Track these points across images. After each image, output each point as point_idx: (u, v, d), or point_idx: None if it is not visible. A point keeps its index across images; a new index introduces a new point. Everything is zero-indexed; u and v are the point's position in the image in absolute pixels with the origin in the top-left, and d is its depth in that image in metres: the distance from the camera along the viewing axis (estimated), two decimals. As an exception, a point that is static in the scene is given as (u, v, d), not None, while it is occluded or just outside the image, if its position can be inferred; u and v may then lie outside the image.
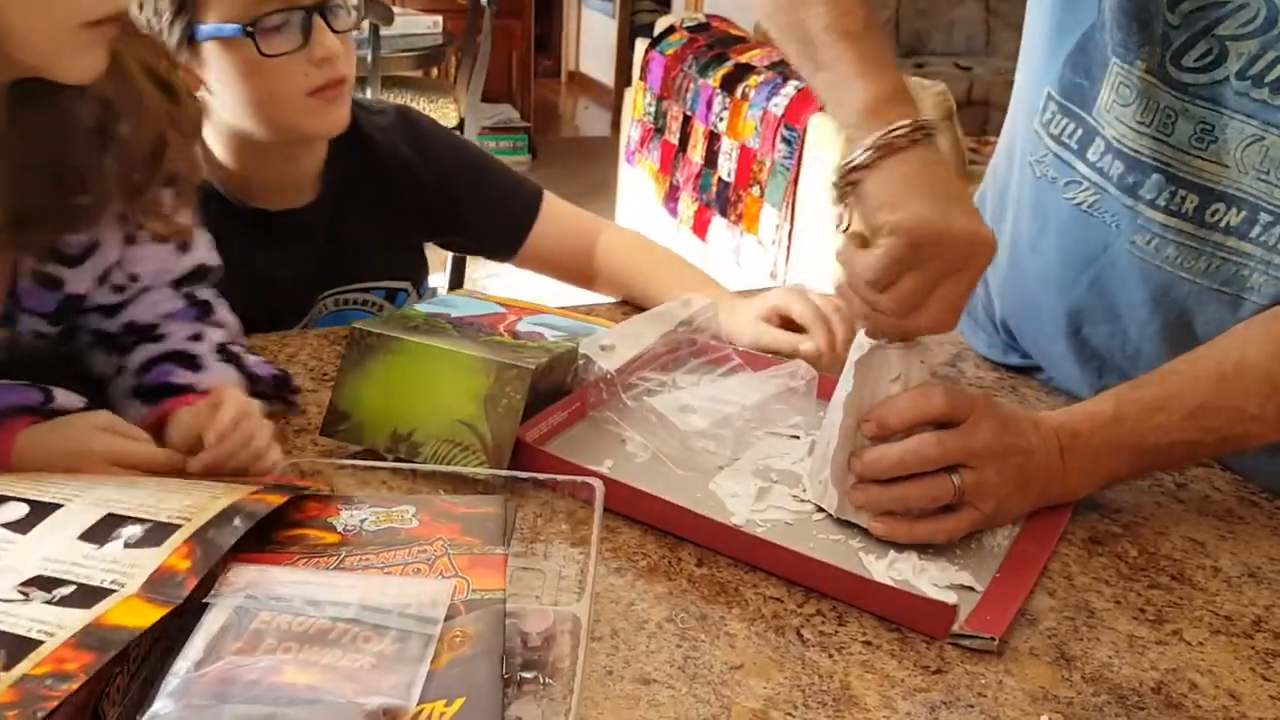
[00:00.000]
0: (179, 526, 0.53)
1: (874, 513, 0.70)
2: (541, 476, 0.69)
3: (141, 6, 0.88)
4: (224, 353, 0.80)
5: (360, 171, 1.04)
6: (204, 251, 0.82)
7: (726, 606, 0.64)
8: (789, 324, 0.96)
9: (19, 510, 0.56)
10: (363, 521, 0.60)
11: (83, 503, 0.56)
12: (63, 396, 0.74)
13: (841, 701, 0.57)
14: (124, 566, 0.50)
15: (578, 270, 1.13)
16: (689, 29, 3.37)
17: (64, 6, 0.60)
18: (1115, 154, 0.80)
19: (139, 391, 0.77)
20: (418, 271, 1.16)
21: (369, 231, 1.06)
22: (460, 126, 3.61)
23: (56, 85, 0.64)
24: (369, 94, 3.35)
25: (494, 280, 2.99)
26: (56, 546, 0.52)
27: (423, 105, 3.61)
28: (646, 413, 0.83)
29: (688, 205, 3.17)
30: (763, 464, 0.79)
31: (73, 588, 0.49)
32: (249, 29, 0.88)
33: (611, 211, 3.77)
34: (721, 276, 1.12)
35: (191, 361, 0.78)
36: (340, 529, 0.59)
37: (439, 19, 3.81)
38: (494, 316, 0.88)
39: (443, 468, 0.73)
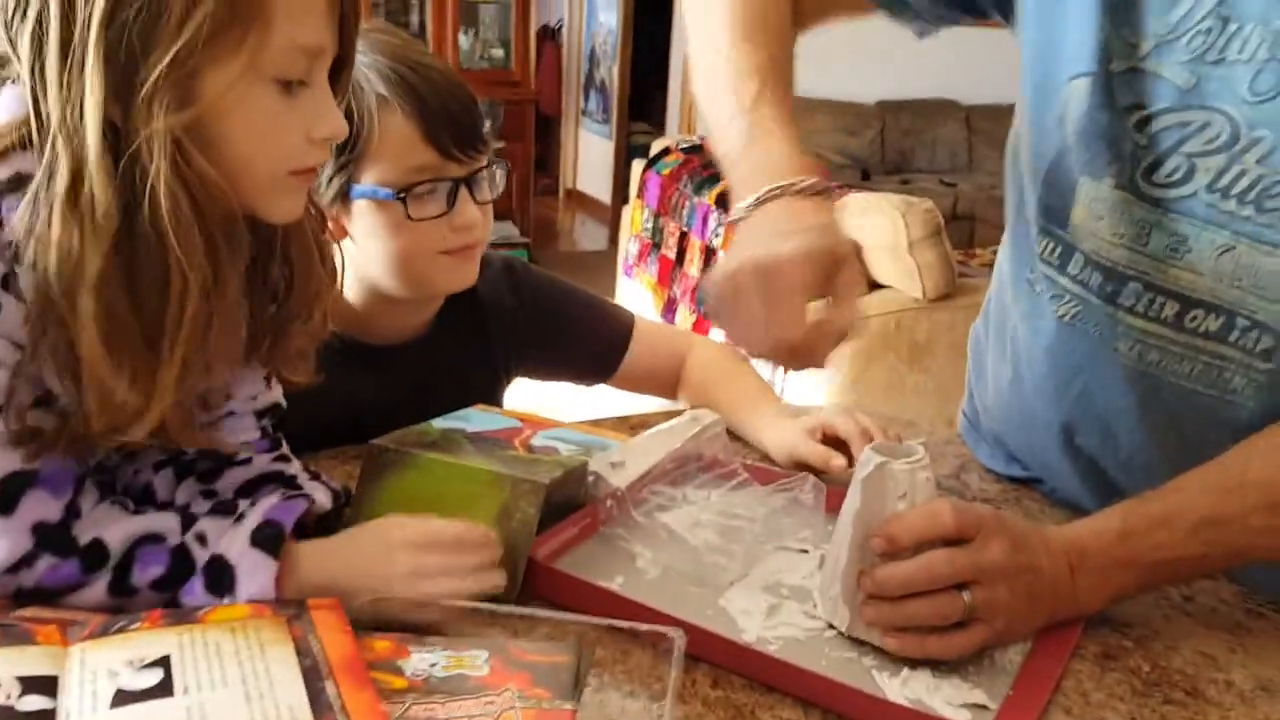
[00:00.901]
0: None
1: (885, 629, 0.70)
2: (622, 625, 0.67)
3: None
4: (309, 470, 0.81)
5: (465, 314, 1.10)
6: (279, 391, 0.84)
7: (742, 728, 0.64)
8: (832, 441, 0.98)
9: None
10: (432, 666, 0.59)
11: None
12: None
13: (861, 825, 0.56)
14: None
15: (666, 386, 1.20)
16: (684, 150, 3.48)
17: (282, 155, 0.68)
18: (1094, 266, 0.82)
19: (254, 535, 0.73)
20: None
21: (463, 365, 1.10)
22: (461, 244, 3.69)
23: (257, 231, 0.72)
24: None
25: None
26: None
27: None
28: (657, 528, 0.84)
29: (686, 317, 3.23)
30: (773, 579, 0.80)
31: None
32: (401, 194, 0.94)
33: (610, 325, 3.83)
34: None
35: (291, 482, 0.79)
36: (409, 674, 0.58)
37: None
38: (509, 431, 0.89)
39: (519, 610, 0.70)
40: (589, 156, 6.55)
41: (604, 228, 5.98)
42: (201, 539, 0.69)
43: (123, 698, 0.54)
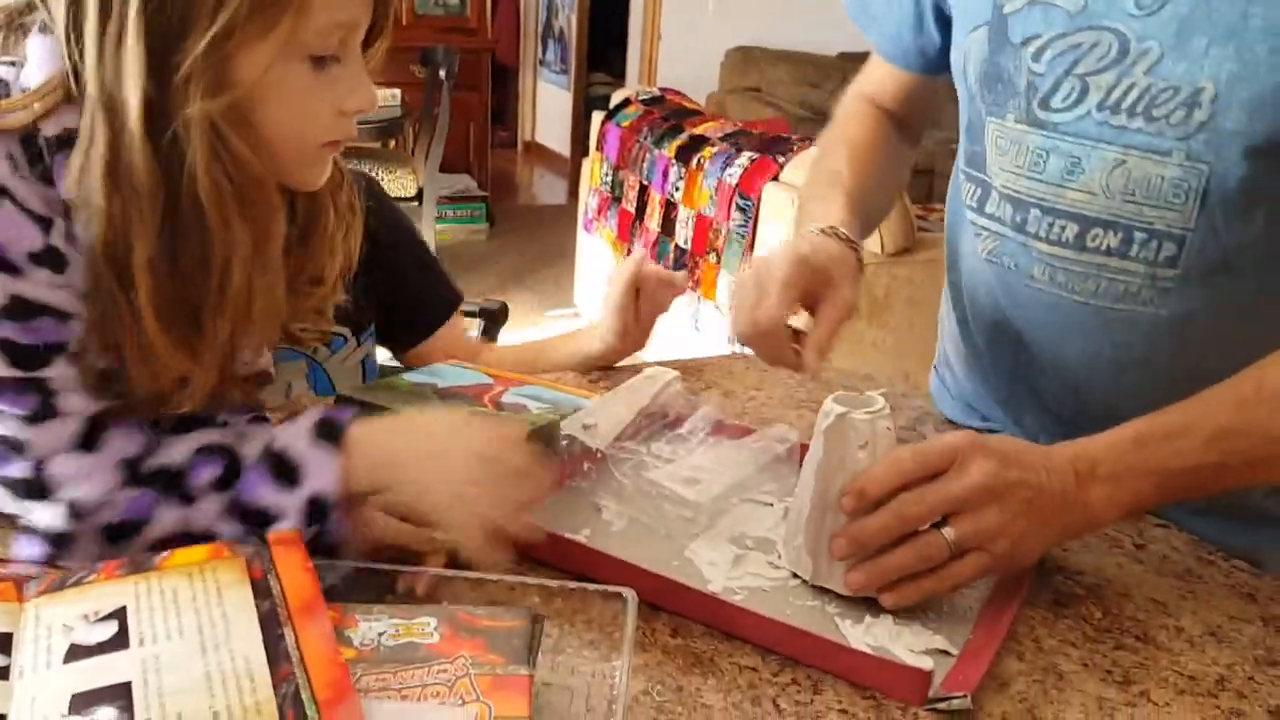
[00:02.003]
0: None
1: (875, 587, 0.70)
2: (571, 585, 0.67)
3: None
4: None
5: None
6: (268, 359, 0.83)
7: (702, 677, 0.64)
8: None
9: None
10: (380, 635, 0.57)
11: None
12: None
13: (819, 771, 0.57)
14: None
15: None
16: (644, 102, 3.44)
17: (314, 129, 0.69)
18: (1004, 199, 0.86)
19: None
20: (358, 322, 1.15)
21: None
22: (419, 196, 3.64)
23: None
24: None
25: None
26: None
27: (381, 175, 3.63)
28: (623, 482, 0.83)
29: (645, 273, 3.21)
30: (739, 531, 0.80)
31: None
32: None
33: (570, 277, 3.80)
34: (680, 342, 1.14)
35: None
36: (357, 643, 0.57)
37: (398, 92, 3.86)
38: (479, 387, 0.88)
39: (469, 574, 0.69)
40: (547, 108, 6.46)
41: (563, 181, 5.92)
42: (251, 438, 0.70)
43: (76, 652, 0.53)
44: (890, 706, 0.62)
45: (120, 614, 0.55)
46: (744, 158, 2.83)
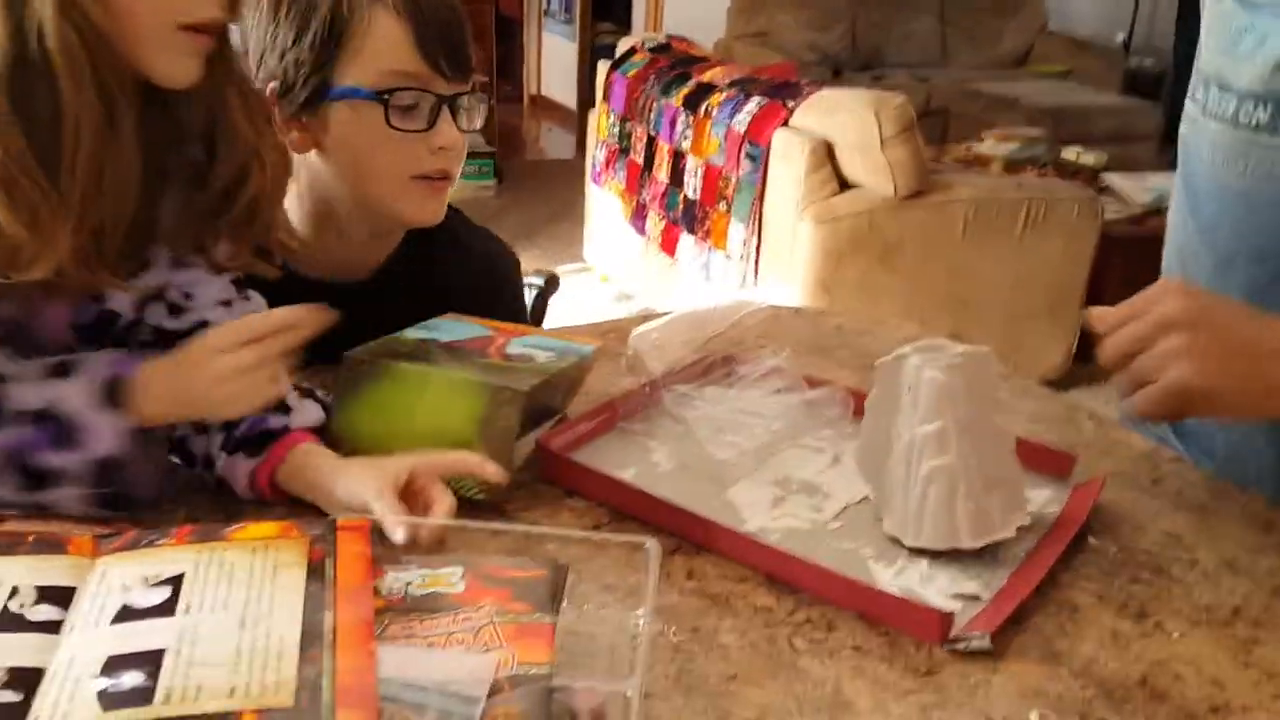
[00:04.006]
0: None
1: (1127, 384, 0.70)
2: (596, 537, 0.69)
3: (283, 55, 0.89)
4: (300, 388, 0.80)
5: (421, 275, 1.04)
6: (259, 302, 0.83)
7: (718, 618, 0.65)
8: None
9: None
10: (408, 585, 0.59)
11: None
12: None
13: (835, 707, 0.58)
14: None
15: None
16: (650, 50, 3.40)
17: (165, 6, 0.67)
18: (1201, 81, 0.86)
19: (240, 444, 0.75)
20: None
21: (400, 325, 1.05)
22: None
23: (166, 97, 0.71)
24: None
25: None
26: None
27: (387, 133, 3.60)
28: (676, 424, 0.84)
29: (655, 223, 3.19)
30: (784, 474, 0.81)
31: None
32: (385, 95, 0.88)
33: (579, 232, 3.79)
34: (691, 291, 1.14)
35: (281, 405, 0.77)
36: (384, 593, 0.58)
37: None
38: (483, 340, 0.88)
39: (504, 525, 0.71)
40: (552, 60, 6.39)
41: (571, 134, 5.87)
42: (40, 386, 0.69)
43: (125, 614, 0.54)
44: (906, 643, 0.63)
45: (177, 581, 0.57)
46: (752, 104, 2.80)
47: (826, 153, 2.62)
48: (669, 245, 3.12)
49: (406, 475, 0.71)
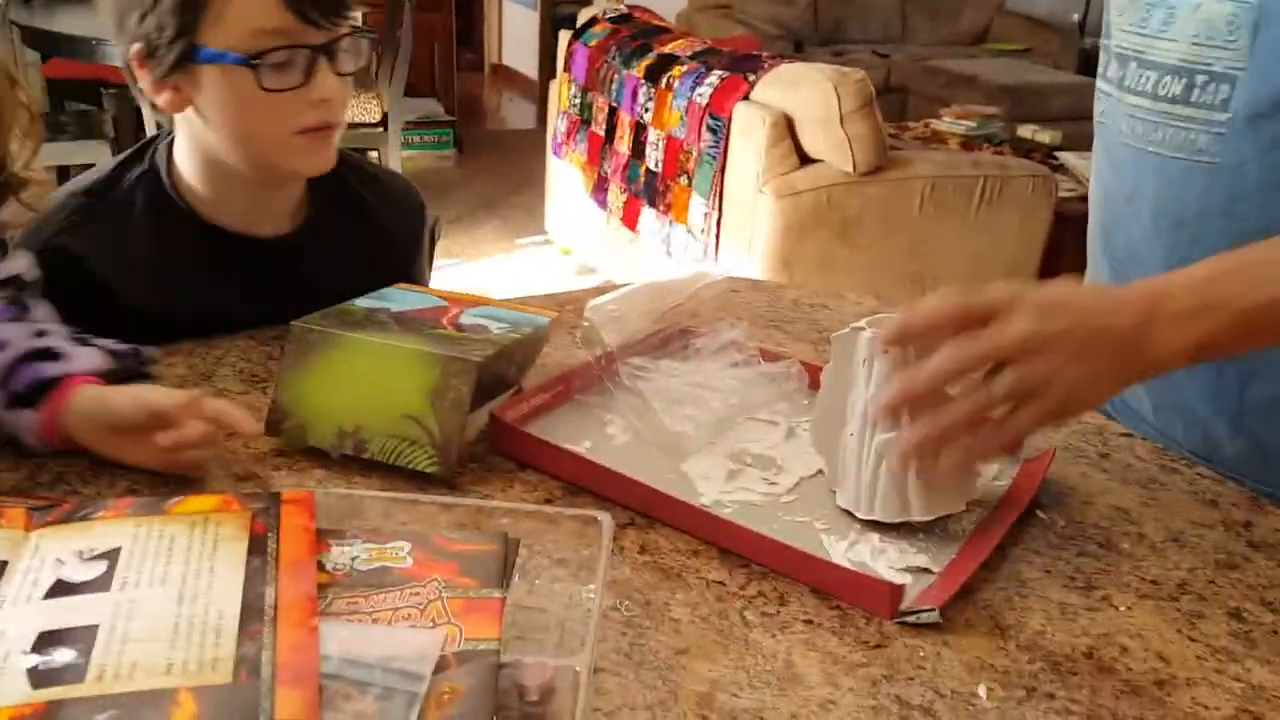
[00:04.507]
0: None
1: (931, 446, 0.67)
2: (549, 510, 0.68)
3: (143, 18, 0.85)
4: (76, 338, 0.80)
5: (344, 218, 1.03)
6: (22, 264, 0.81)
7: (670, 592, 0.65)
8: None
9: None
10: (354, 560, 0.57)
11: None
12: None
13: (785, 680, 0.58)
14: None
15: None
16: (611, 20, 3.36)
17: None
18: (1115, 59, 0.89)
19: (17, 400, 0.74)
20: None
21: (341, 276, 1.00)
22: (384, 121, 3.56)
23: None
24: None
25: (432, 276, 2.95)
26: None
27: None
28: (632, 396, 0.84)
29: (617, 196, 3.17)
30: (739, 448, 0.81)
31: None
32: (252, 61, 0.85)
33: (541, 205, 3.76)
34: (652, 266, 1.12)
35: (50, 354, 0.77)
36: (329, 568, 0.56)
37: (357, 14, 3.74)
38: (435, 310, 0.87)
39: (454, 499, 0.70)
40: (513, 28, 6.31)
41: (532, 104, 5.81)
42: None
43: (59, 588, 0.52)
44: (856, 616, 0.63)
45: (113, 555, 0.55)
46: (714, 76, 2.78)
47: (787, 127, 2.61)
48: (630, 219, 3.11)
49: (178, 400, 0.73)
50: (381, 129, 3.55)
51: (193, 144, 0.94)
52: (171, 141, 0.97)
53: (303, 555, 0.56)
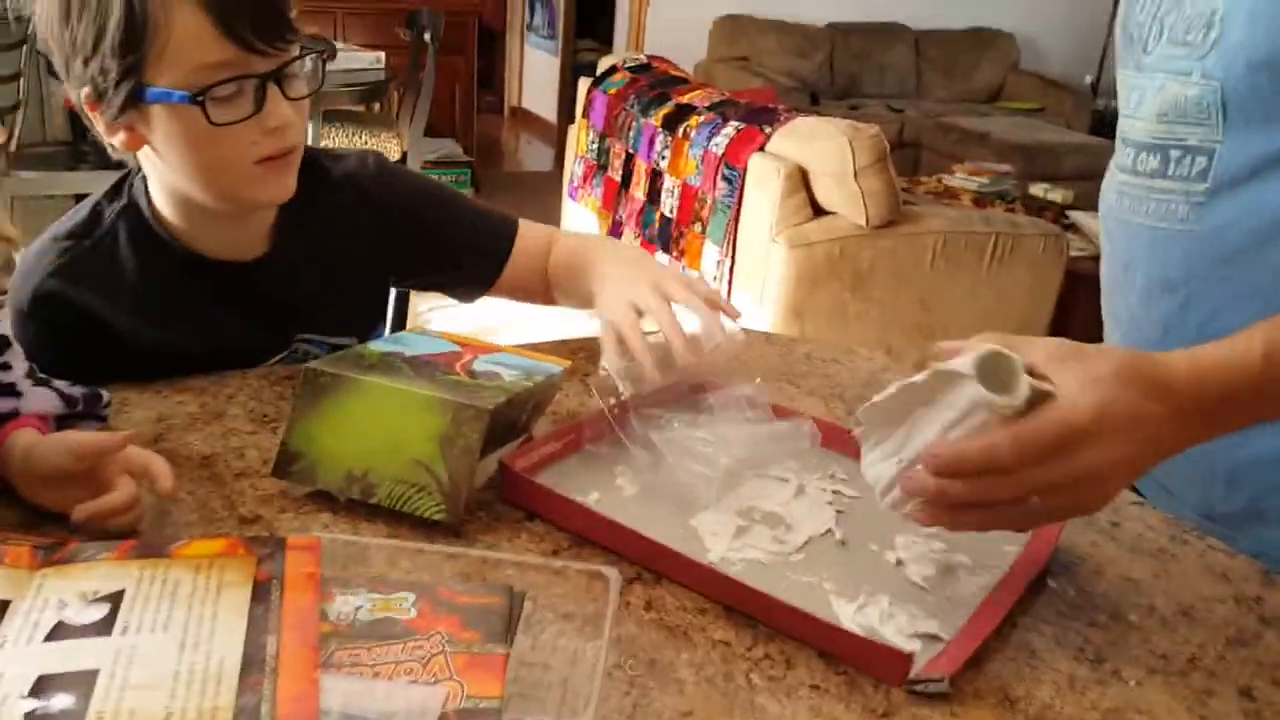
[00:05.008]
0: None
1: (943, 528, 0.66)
2: (557, 564, 0.68)
3: (86, 62, 0.84)
4: (34, 377, 0.79)
5: (317, 223, 1.02)
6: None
7: (675, 651, 0.64)
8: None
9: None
10: (357, 610, 0.57)
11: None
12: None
13: (791, 747, 0.57)
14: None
15: (540, 290, 1.12)
16: (630, 69, 3.41)
17: None
18: (1118, 140, 0.93)
19: None
20: (374, 322, 1.14)
21: (325, 284, 1.03)
22: (403, 160, 3.59)
23: None
24: (310, 127, 3.32)
25: (437, 314, 2.96)
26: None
27: (365, 139, 3.59)
28: (642, 449, 0.83)
29: (631, 241, 3.19)
30: (748, 504, 0.80)
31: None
32: (198, 98, 0.83)
33: (553, 247, 3.78)
34: None
35: (9, 389, 0.77)
36: (332, 617, 0.56)
37: (381, 55, 3.80)
38: (449, 355, 0.87)
39: (460, 549, 0.69)
40: (534, 73, 6.39)
41: (550, 148, 5.87)
42: None
43: (60, 631, 0.52)
44: (864, 683, 0.62)
45: (116, 598, 0.55)
46: (730, 127, 2.81)
47: (801, 179, 2.63)
48: (641, 264, 3.12)
49: (102, 447, 0.72)
50: (424, 174, 3.58)
51: (158, 180, 0.93)
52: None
53: (306, 604, 0.56)
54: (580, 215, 3.51)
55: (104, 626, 0.52)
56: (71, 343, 0.92)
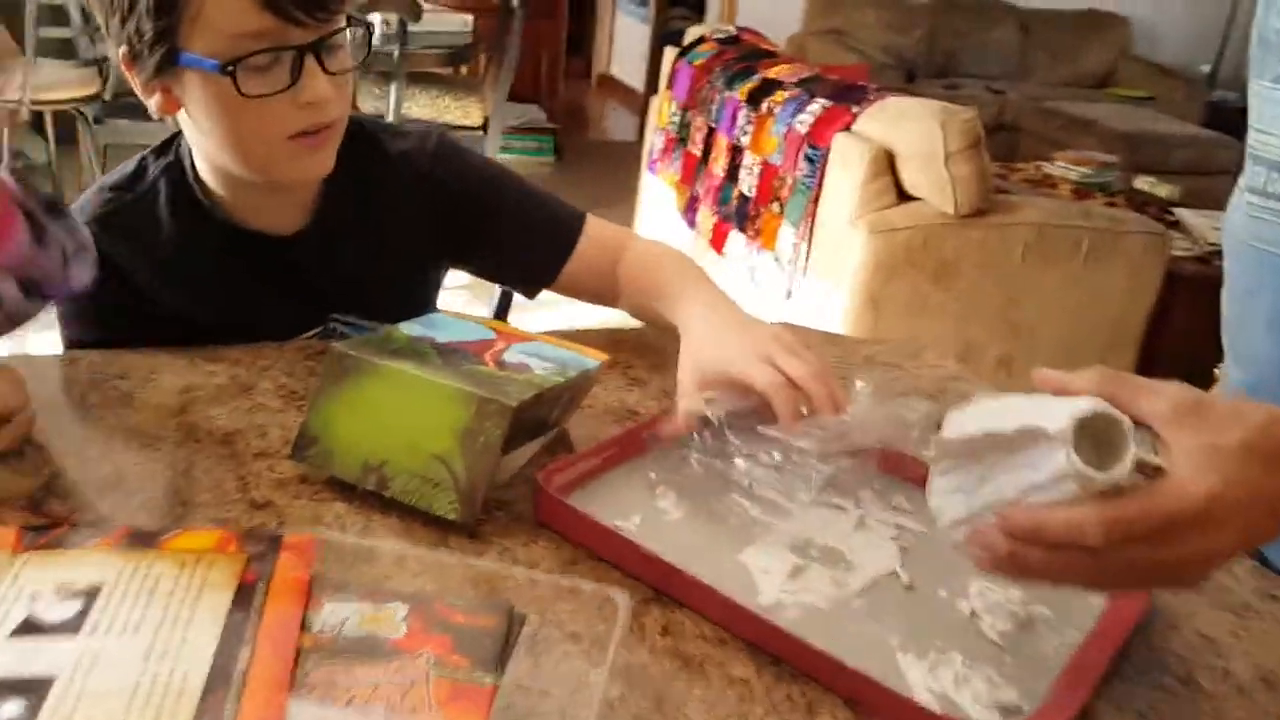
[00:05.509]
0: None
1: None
2: (564, 582, 0.63)
3: (123, 21, 0.82)
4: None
5: (363, 200, 0.98)
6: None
7: (688, 685, 0.59)
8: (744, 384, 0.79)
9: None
10: (344, 622, 0.53)
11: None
12: None
13: (803, 807, 0.52)
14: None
15: (607, 291, 1.05)
16: (718, 40, 3.32)
17: None
18: (1248, 157, 0.89)
19: None
20: (419, 309, 1.09)
21: (368, 264, 1.00)
22: (485, 125, 3.58)
23: None
24: (393, 90, 3.31)
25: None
26: None
27: (448, 102, 3.58)
28: (692, 466, 0.76)
29: (706, 218, 3.12)
30: (804, 537, 0.73)
31: None
32: (228, 68, 0.80)
33: (631, 218, 3.72)
34: (735, 292, 1.03)
35: None
36: (315, 629, 0.52)
37: (470, 18, 3.78)
38: (481, 344, 0.83)
39: (460, 558, 0.65)
40: (624, 41, 6.32)
41: (635, 117, 5.80)
42: None
43: (27, 627, 0.50)
44: (891, 737, 0.57)
45: (92, 594, 0.52)
46: (816, 105, 2.71)
47: (887, 162, 2.52)
48: (718, 242, 3.05)
49: None
50: (481, 132, 3.57)
51: (196, 145, 0.91)
52: None
53: (288, 613, 0.52)
54: (658, 188, 3.45)
55: (72, 625, 0.50)
56: (98, 296, 0.91)
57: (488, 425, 0.70)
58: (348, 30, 0.86)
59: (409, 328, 0.82)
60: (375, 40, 3.50)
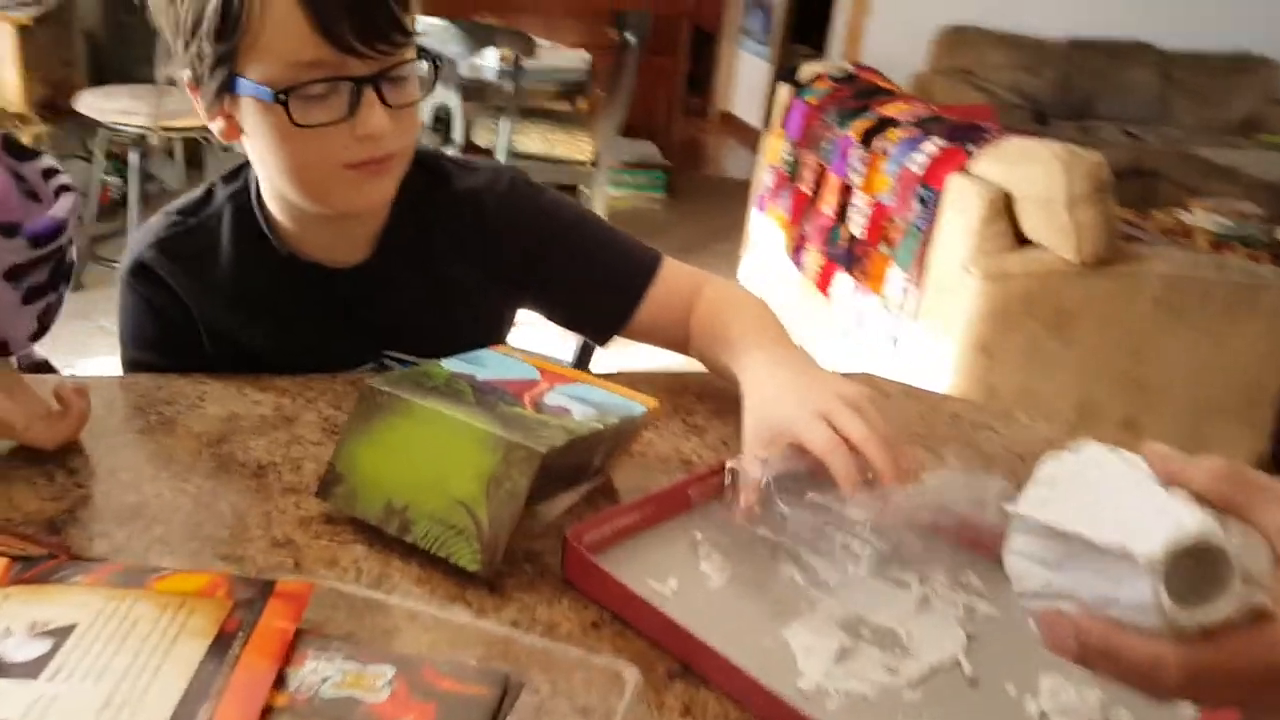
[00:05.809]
0: None
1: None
2: (574, 651, 0.57)
3: (186, 45, 0.81)
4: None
5: (426, 237, 0.95)
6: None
7: (701, 779, 0.53)
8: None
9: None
10: (324, 682, 0.49)
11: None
12: None
13: None
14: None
15: (678, 338, 0.98)
16: (834, 79, 3.25)
17: None
18: None
19: None
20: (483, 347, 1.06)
21: (425, 302, 0.97)
22: (595, 160, 3.59)
23: None
24: (504, 123, 3.36)
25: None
26: None
27: (559, 137, 3.61)
28: (740, 529, 0.70)
29: (814, 259, 3.04)
30: (856, 614, 0.66)
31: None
32: (281, 96, 0.78)
33: (737, 257, 3.67)
34: (842, 337, 0.95)
35: None
36: (292, 687, 0.49)
37: (587, 55, 3.81)
38: (523, 384, 0.79)
39: (456, 618, 0.60)
40: (745, 78, 6.30)
41: (753, 155, 5.76)
42: None
43: None
44: None
45: (63, 634, 0.50)
46: (931, 144, 2.61)
47: (1005, 205, 2.41)
48: (824, 283, 2.97)
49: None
50: (591, 167, 3.58)
51: (260, 173, 0.90)
52: None
53: (261, 670, 0.49)
54: (766, 227, 3.39)
55: (35, 667, 0.47)
56: (156, 312, 0.91)
57: (514, 472, 0.66)
58: (415, 63, 0.84)
59: (451, 364, 0.79)
60: (492, 76, 3.56)
